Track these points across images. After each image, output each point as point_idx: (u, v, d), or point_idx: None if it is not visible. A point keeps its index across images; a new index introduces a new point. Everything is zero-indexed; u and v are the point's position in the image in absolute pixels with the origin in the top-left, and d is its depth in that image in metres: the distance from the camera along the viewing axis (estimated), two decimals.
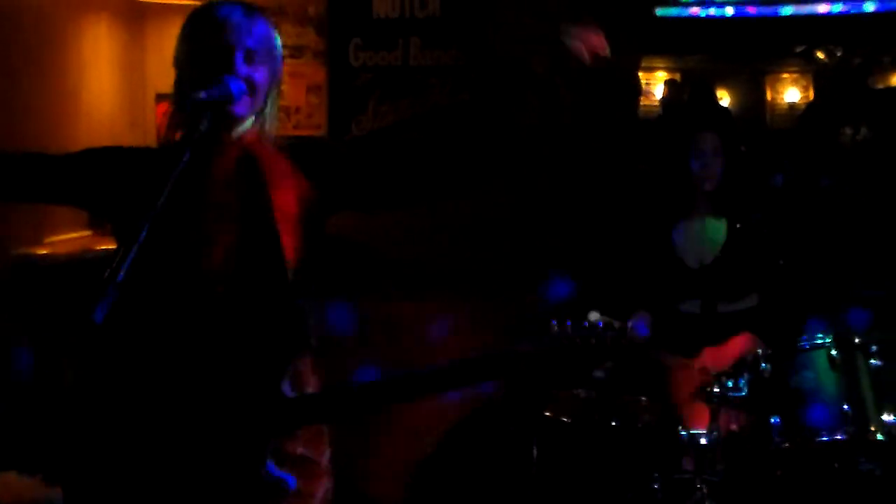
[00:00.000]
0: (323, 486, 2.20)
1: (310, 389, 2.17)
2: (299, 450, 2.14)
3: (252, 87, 2.15)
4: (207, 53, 2.14)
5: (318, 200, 2.18)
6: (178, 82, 2.22)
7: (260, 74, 2.16)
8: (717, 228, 3.81)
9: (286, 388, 2.05)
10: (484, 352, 2.07)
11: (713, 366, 3.45)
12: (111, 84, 5.95)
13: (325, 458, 2.22)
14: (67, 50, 5.47)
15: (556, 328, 2.01)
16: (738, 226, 3.79)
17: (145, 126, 6.09)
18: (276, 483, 2.02)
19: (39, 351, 3.91)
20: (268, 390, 2.04)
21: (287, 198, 2.15)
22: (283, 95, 2.35)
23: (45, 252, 4.93)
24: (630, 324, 2.02)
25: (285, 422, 2.06)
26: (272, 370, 2.05)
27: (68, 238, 5.18)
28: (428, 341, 4.40)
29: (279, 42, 2.25)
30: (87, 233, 5.27)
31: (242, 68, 2.13)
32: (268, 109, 2.23)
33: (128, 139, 5.99)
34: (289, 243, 2.12)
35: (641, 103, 8.99)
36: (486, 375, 2.08)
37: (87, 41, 5.67)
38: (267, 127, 2.23)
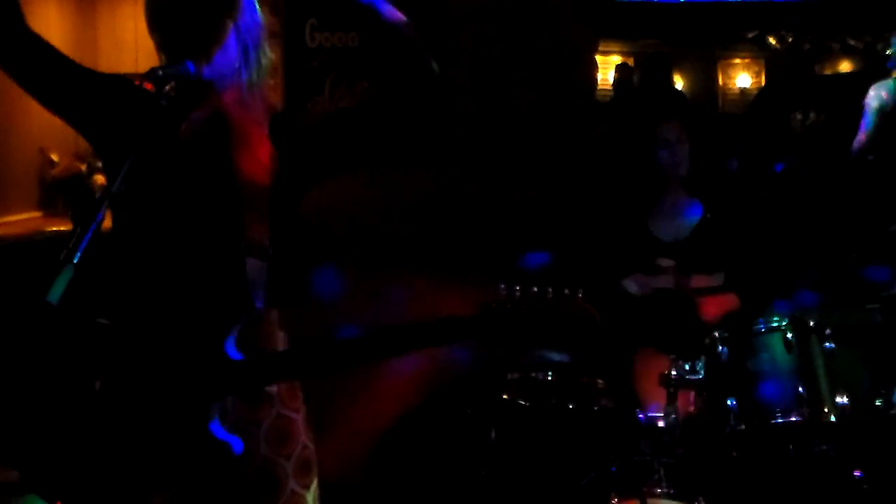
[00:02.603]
0: (299, 445, 2.19)
1: (277, 347, 2.15)
2: (273, 410, 2.13)
3: (214, 42, 2.10)
4: (166, 20, 2.11)
5: (284, 172, 2.16)
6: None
7: (223, 30, 2.12)
8: (691, 208, 3.95)
9: (230, 349, 2.02)
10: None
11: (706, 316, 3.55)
12: None
13: (300, 414, 2.21)
14: None
15: (503, 292, 1.99)
16: (710, 205, 3.93)
17: None
18: (220, 445, 2.00)
19: None
20: (209, 351, 2.01)
21: (255, 163, 2.12)
22: None
23: None
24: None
25: (230, 383, 2.03)
26: (213, 331, 2.03)
27: (19, 219, 5.10)
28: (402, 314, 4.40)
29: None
30: (37, 214, 5.20)
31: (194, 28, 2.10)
32: (248, 63, 2.17)
33: None
34: (254, 207, 2.10)
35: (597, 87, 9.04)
36: (438, 338, 2.07)
37: (36, 20, 5.56)
38: (250, 86, 2.18)
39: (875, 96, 5.70)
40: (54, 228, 4.79)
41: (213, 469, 2.02)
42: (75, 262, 1.80)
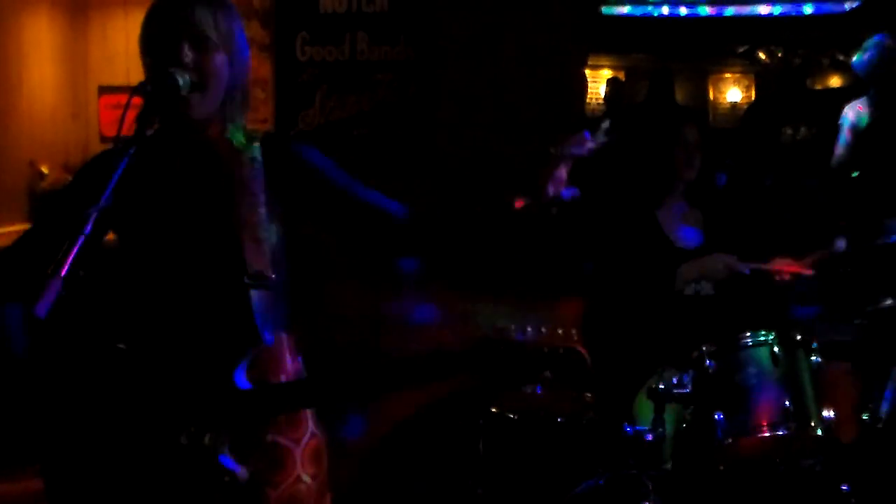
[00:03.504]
0: (290, 478, 2.19)
1: (284, 377, 2.16)
2: (269, 437, 2.14)
3: (203, 75, 2.11)
4: (156, 44, 2.12)
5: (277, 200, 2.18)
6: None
7: (214, 61, 2.12)
8: (694, 218, 4.06)
9: (240, 379, 2.03)
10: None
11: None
12: (53, 76, 5.86)
13: (300, 446, 2.21)
14: (7, 42, 5.39)
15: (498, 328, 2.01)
16: (712, 216, 4.07)
17: (87, 118, 6.01)
18: (227, 474, 2.00)
19: None
20: (218, 382, 2.02)
21: (246, 193, 2.14)
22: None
23: None
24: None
25: (238, 413, 2.03)
26: (222, 362, 2.03)
27: (9, 231, 5.10)
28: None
29: (240, 28, 2.21)
30: (27, 226, 5.19)
31: (188, 55, 2.09)
32: (232, 98, 2.19)
33: (70, 132, 5.92)
34: (255, 239, 2.11)
35: (587, 101, 9.07)
36: (434, 374, 2.07)
37: (27, 33, 5.58)
38: (234, 119, 2.20)
39: (849, 113, 5.79)
40: None
41: (219, 498, 2.03)
42: (63, 275, 1.81)
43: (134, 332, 2.11)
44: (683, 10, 9.94)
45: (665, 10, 9.90)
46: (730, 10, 10.00)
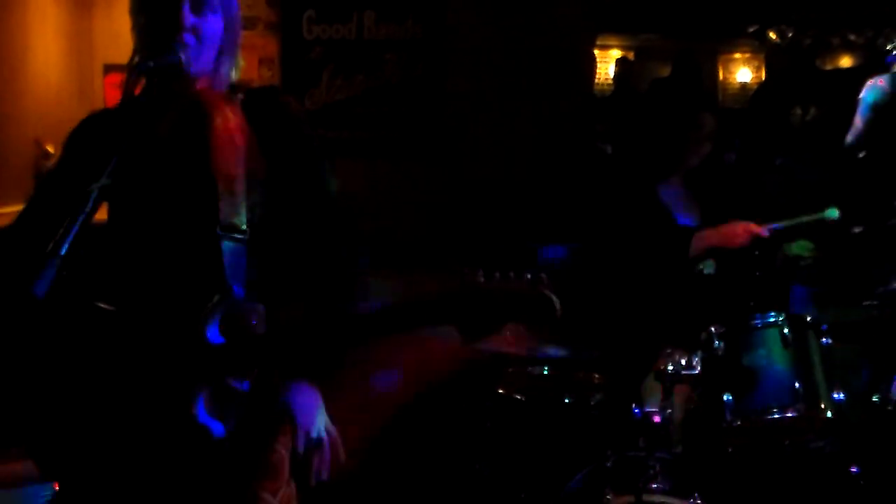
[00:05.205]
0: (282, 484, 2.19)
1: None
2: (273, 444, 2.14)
3: (200, 37, 2.10)
4: (154, 4, 2.09)
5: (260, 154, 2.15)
6: (135, 42, 2.17)
7: (211, 24, 2.12)
8: (689, 201, 4.01)
9: (212, 332, 2.00)
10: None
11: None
12: (58, 54, 5.83)
13: (288, 453, 2.21)
14: (12, 19, 5.35)
15: (467, 275, 1.98)
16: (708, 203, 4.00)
17: (93, 97, 5.98)
18: (203, 428, 1.98)
19: None
20: (189, 335, 1.99)
21: (229, 148, 2.11)
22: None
23: None
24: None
25: (214, 366, 2.01)
26: (192, 314, 2.01)
27: (14, 211, 5.09)
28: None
29: None
30: None
31: (189, 18, 2.08)
32: (225, 59, 2.18)
33: (75, 110, 5.89)
34: (230, 190, 2.09)
35: (596, 80, 9.02)
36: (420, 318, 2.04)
37: (32, 10, 5.55)
38: (223, 75, 2.18)
39: (870, 91, 5.68)
40: None
41: (192, 451, 2.01)
42: (62, 254, 1.79)
43: (113, 288, 2.08)
44: None
45: None
46: None
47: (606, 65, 10.63)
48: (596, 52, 7.91)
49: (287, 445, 2.22)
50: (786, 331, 3.36)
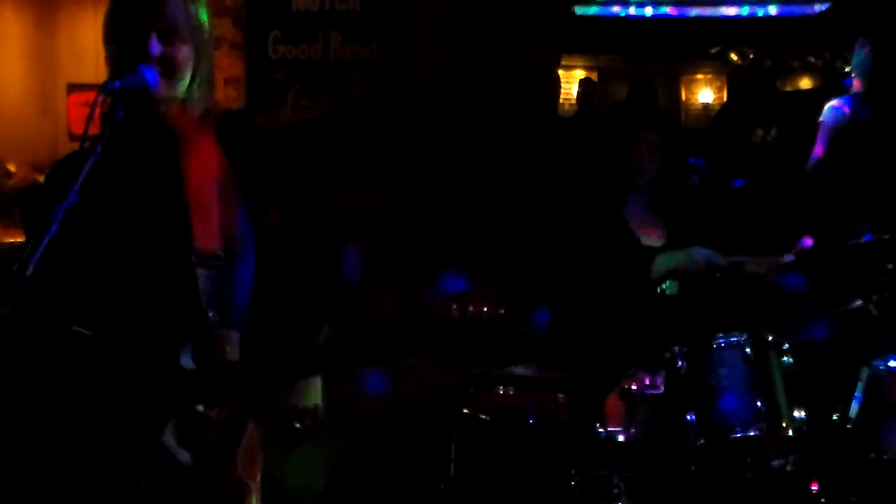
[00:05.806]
0: None
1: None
2: (238, 473, 2.12)
3: (170, 67, 2.10)
4: (122, 34, 2.09)
5: (236, 179, 2.15)
6: (107, 72, 2.16)
7: (181, 52, 2.11)
8: (654, 221, 4.01)
9: (186, 360, 1.99)
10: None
11: None
12: (21, 73, 5.80)
13: (257, 484, 2.19)
14: None
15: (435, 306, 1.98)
16: (679, 215, 4.04)
17: (56, 116, 5.95)
18: (170, 455, 1.97)
19: None
20: (163, 363, 1.99)
21: (203, 173, 2.11)
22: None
23: None
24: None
25: (186, 394, 2.00)
26: (166, 341, 2.00)
27: None
28: None
29: (205, 16, 2.19)
30: None
31: (156, 48, 2.08)
32: (195, 86, 2.17)
33: (38, 130, 5.86)
34: (205, 217, 2.08)
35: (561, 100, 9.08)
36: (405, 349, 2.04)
37: None
38: (194, 101, 2.18)
39: (830, 114, 5.74)
40: (10, 240, 4.72)
41: (159, 478, 2.00)
42: (28, 274, 1.79)
43: (89, 314, 2.07)
44: (649, 11, 9.96)
45: (632, 10, 9.93)
46: (694, 12, 10.06)
47: (570, 85, 10.70)
48: (560, 72, 7.95)
49: (254, 476, 2.20)
50: (748, 350, 3.39)
